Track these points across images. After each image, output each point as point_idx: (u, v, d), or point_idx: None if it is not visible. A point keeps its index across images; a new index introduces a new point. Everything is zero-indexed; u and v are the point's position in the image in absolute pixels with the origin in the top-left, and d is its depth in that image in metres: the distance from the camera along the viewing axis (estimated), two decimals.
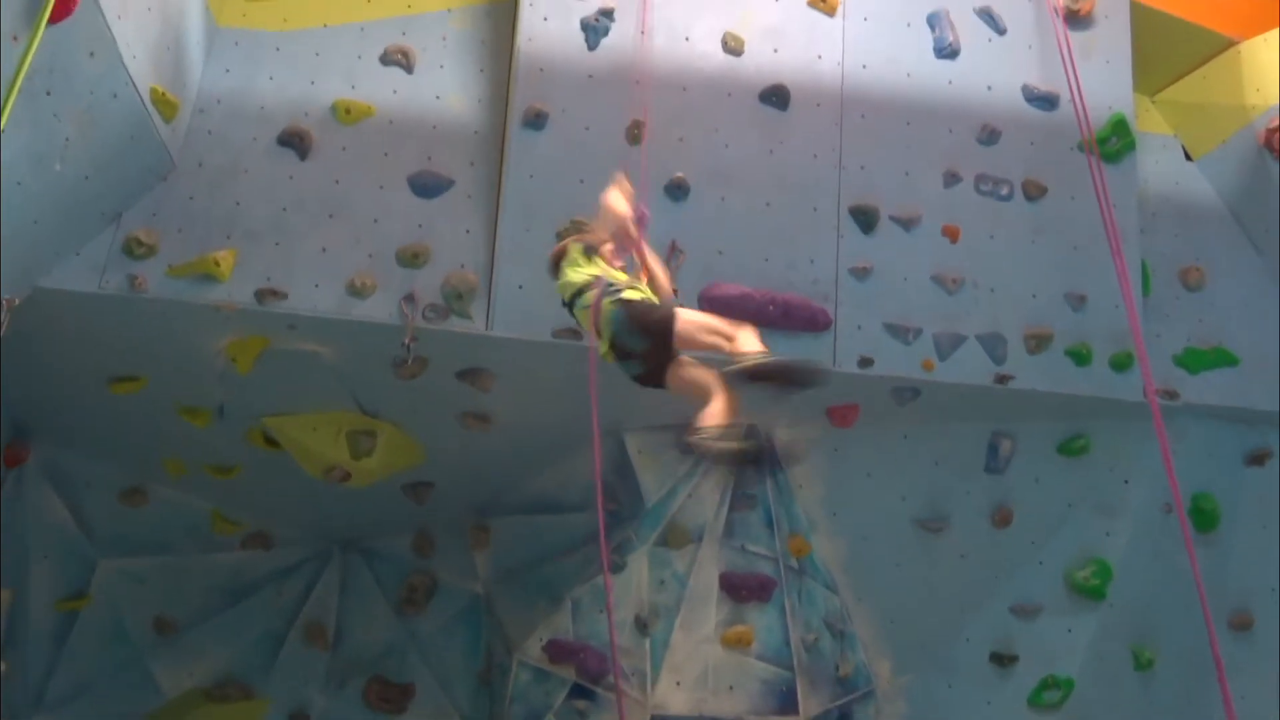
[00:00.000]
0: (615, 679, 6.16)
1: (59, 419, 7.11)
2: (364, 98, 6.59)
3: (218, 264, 6.07)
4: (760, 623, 6.92)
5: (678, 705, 6.74)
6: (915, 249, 6.73)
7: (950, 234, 6.80)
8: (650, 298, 4.31)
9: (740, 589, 6.92)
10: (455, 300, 6.27)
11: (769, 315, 6.37)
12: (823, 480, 7.16)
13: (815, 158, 6.72)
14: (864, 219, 6.70)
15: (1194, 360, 7.13)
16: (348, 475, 7.08)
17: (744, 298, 6.38)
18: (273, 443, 7.02)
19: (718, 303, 6.31)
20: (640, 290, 4.33)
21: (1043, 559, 7.23)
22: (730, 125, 6.65)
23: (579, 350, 6.14)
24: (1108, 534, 7.19)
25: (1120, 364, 6.79)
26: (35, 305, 5.77)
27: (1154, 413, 4.84)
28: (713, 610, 6.88)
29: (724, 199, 6.55)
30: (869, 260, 6.65)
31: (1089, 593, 7.18)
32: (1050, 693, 7.21)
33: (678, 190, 6.49)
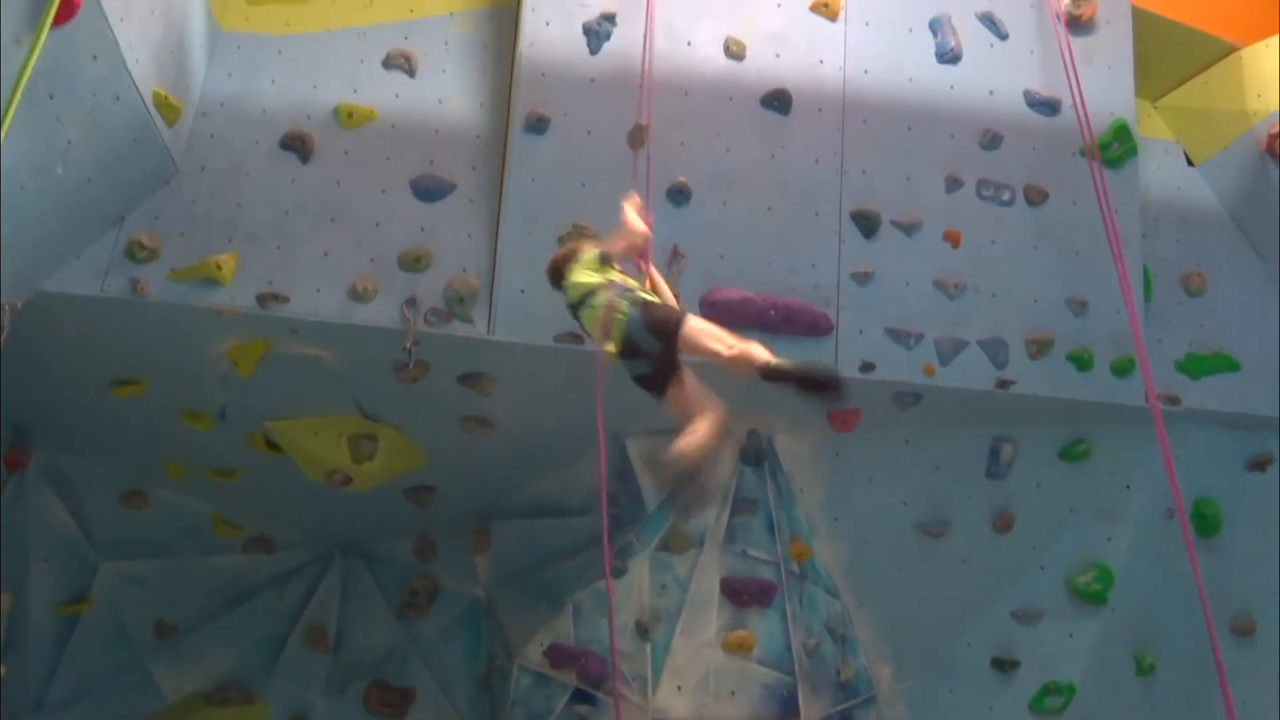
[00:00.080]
0: (615, 684, 6.16)
1: (60, 422, 7.12)
2: (366, 102, 6.60)
3: (219, 267, 6.07)
4: (761, 627, 6.91)
5: (679, 710, 6.73)
6: (917, 254, 6.73)
7: (952, 239, 6.80)
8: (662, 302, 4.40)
9: (741, 594, 6.92)
10: (457, 304, 6.27)
11: (770, 320, 6.38)
12: (824, 485, 7.16)
13: (817, 162, 6.72)
14: (865, 224, 6.70)
15: (1195, 365, 7.13)
16: (349, 479, 7.08)
17: (745, 302, 6.38)
18: (274, 446, 7.02)
19: (719, 307, 6.31)
20: (653, 296, 4.42)
21: (1044, 564, 7.23)
22: (732, 130, 6.66)
23: (580, 354, 6.14)
24: (1109, 539, 7.19)
25: (1122, 369, 6.79)
26: (37, 308, 5.77)
27: (1156, 418, 4.84)
28: (714, 615, 6.87)
29: (725, 203, 6.55)
30: (870, 265, 6.65)
31: (1090, 598, 7.18)
32: (1052, 698, 7.20)
33: (679, 195, 6.49)
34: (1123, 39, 7.25)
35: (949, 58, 7.03)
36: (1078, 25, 7.15)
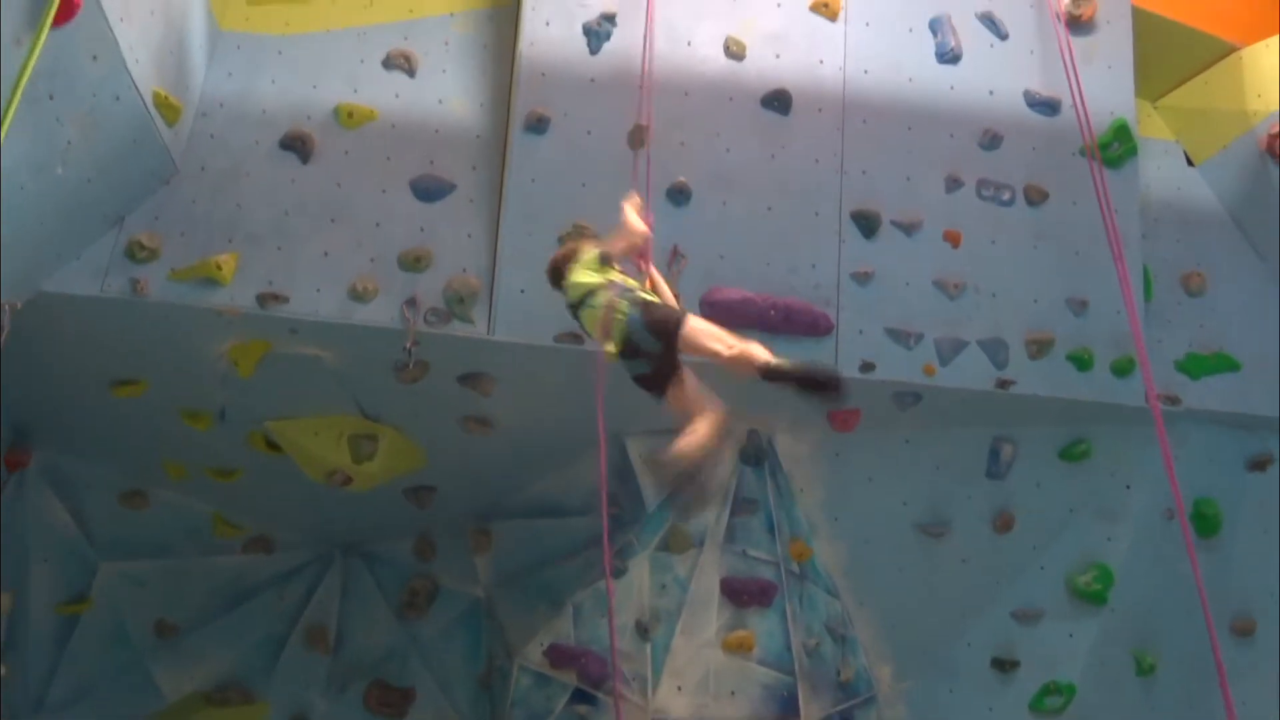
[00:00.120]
0: (615, 684, 6.16)
1: (60, 422, 7.11)
2: (366, 102, 6.60)
3: (219, 268, 6.07)
4: (761, 627, 6.91)
5: (679, 710, 6.73)
6: (917, 254, 6.73)
7: (952, 239, 6.80)
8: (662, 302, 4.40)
9: (741, 594, 6.92)
10: (457, 304, 6.27)
11: (770, 320, 6.38)
12: (824, 485, 7.16)
13: (817, 162, 6.72)
14: (865, 224, 6.70)
15: (1195, 365, 7.13)
16: (349, 479, 7.08)
17: (745, 302, 6.38)
18: (274, 446, 7.02)
19: (719, 307, 6.31)
20: (652, 296, 4.42)
21: (1044, 564, 7.23)
22: (732, 130, 6.66)
23: (580, 354, 6.14)
24: (1109, 539, 7.19)
25: (1122, 369, 6.79)
26: (37, 309, 5.77)
27: (1156, 418, 4.84)
28: (714, 615, 6.87)
29: (725, 204, 6.55)
30: (870, 265, 6.65)
31: (1090, 598, 7.18)
32: (1052, 698, 7.20)
33: (679, 195, 6.49)
34: (1123, 39, 7.24)
35: (949, 58, 7.03)
36: (1078, 25, 7.15)
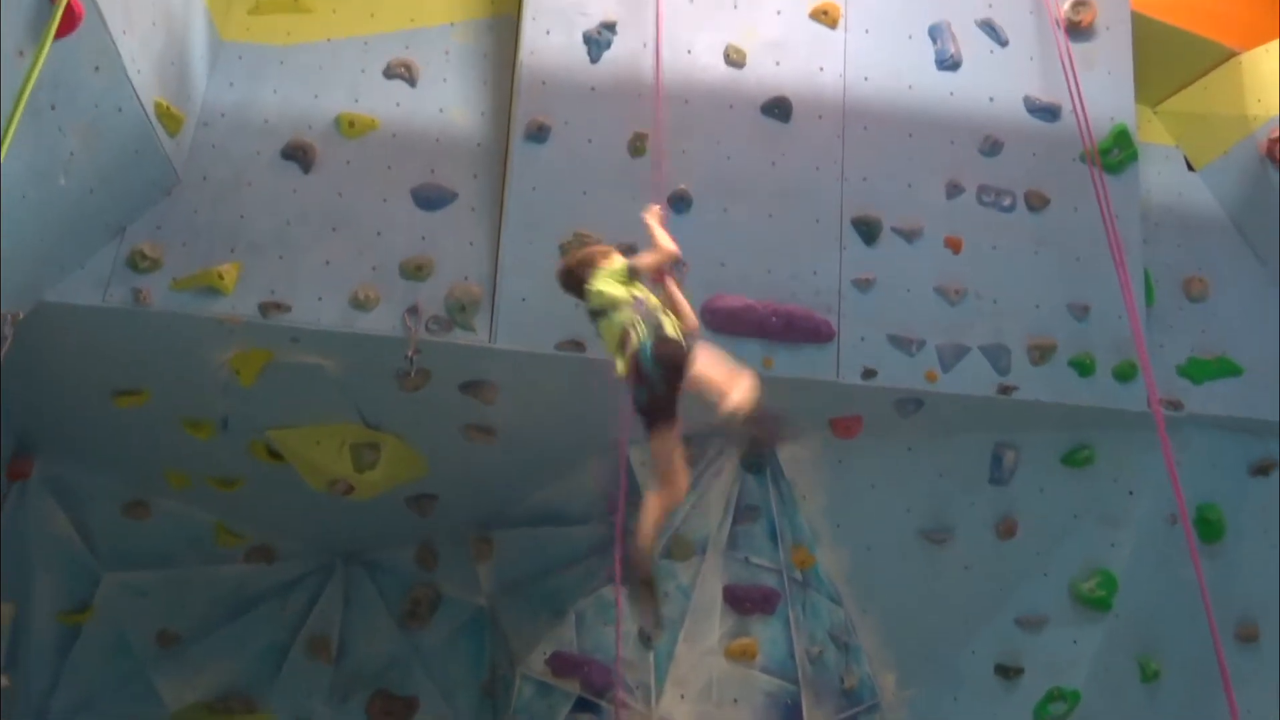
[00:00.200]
0: (617, 692, 6.15)
1: (62, 432, 7.11)
2: (367, 111, 6.61)
3: (221, 277, 6.08)
4: (764, 635, 6.90)
5: (682, 718, 6.71)
6: (918, 260, 6.73)
7: (953, 245, 6.80)
8: (678, 334, 4.41)
9: (744, 601, 6.90)
10: (458, 312, 6.28)
11: (772, 327, 6.38)
12: (826, 492, 7.14)
13: (817, 169, 6.72)
14: (866, 230, 6.71)
15: (1198, 370, 7.13)
16: (351, 488, 7.08)
17: (747, 309, 6.39)
18: (276, 455, 7.02)
19: (720, 314, 6.32)
20: (672, 321, 4.44)
21: (1047, 570, 7.21)
22: (732, 137, 6.66)
23: (582, 363, 6.15)
24: (1112, 545, 7.17)
25: (1124, 374, 6.78)
26: (39, 319, 5.78)
27: (1158, 423, 4.84)
28: (716, 622, 6.85)
29: (726, 211, 6.56)
30: (872, 271, 6.65)
31: (1094, 604, 7.16)
32: (1056, 705, 7.18)
33: (680, 202, 6.50)
34: (1122, 45, 7.25)
35: (949, 64, 7.04)
36: (1077, 31, 7.16)
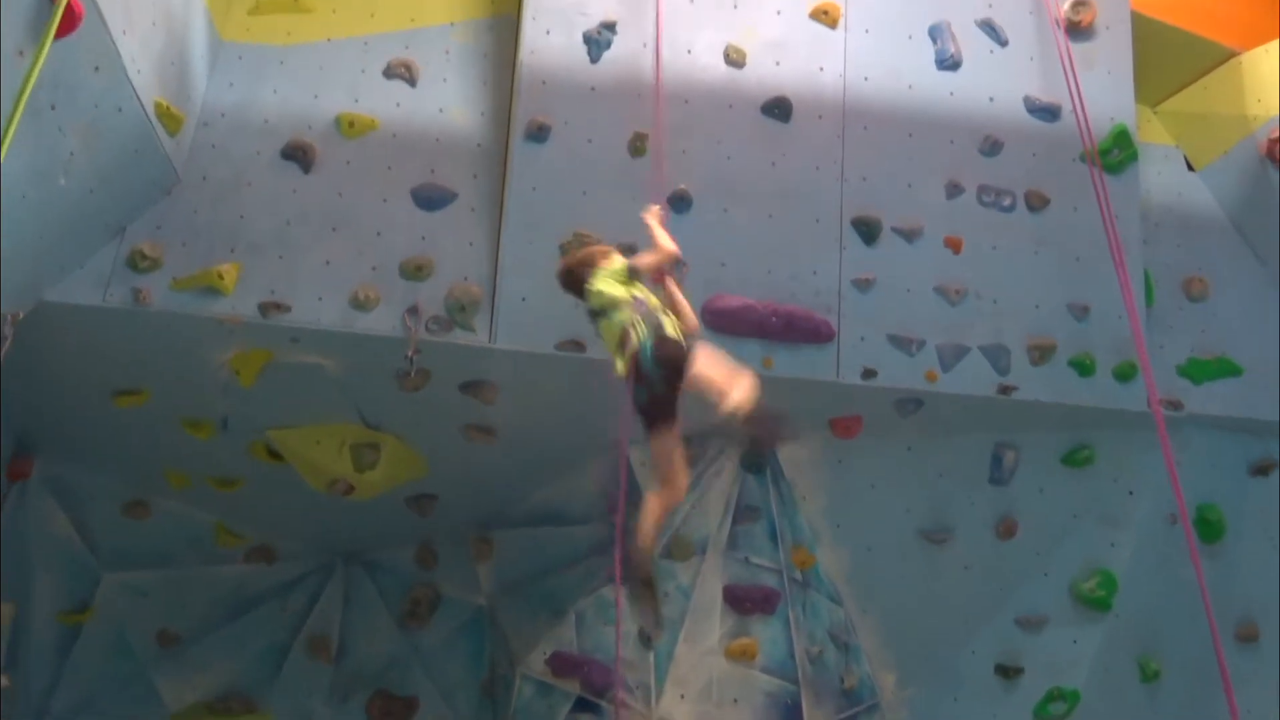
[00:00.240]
0: (617, 691, 6.15)
1: (63, 432, 7.11)
2: (367, 111, 6.61)
3: (221, 277, 6.08)
4: (764, 635, 6.90)
5: (682, 718, 6.70)
6: (918, 260, 6.73)
7: (953, 245, 6.80)
8: (678, 334, 4.41)
9: (744, 601, 6.90)
10: (458, 312, 6.28)
11: (772, 327, 6.38)
12: (826, 492, 7.14)
13: (817, 169, 6.72)
14: (866, 230, 6.71)
15: (1197, 371, 7.13)
16: (351, 488, 7.08)
17: (747, 309, 6.39)
18: (276, 455, 7.02)
19: (720, 315, 6.32)
20: (672, 321, 4.44)
21: (1048, 570, 7.21)
22: (732, 137, 6.66)
23: (582, 362, 6.15)
24: (1113, 545, 7.17)
25: (1124, 374, 6.78)
26: (39, 319, 5.78)
27: (1158, 423, 4.83)
28: (717, 623, 6.85)
29: (726, 211, 6.56)
30: (871, 271, 6.65)
31: (1094, 604, 7.16)
32: (1056, 705, 7.17)
33: (680, 202, 6.50)
34: (1122, 45, 7.25)
35: (949, 64, 7.04)
36: (1077, 31, 7.16)
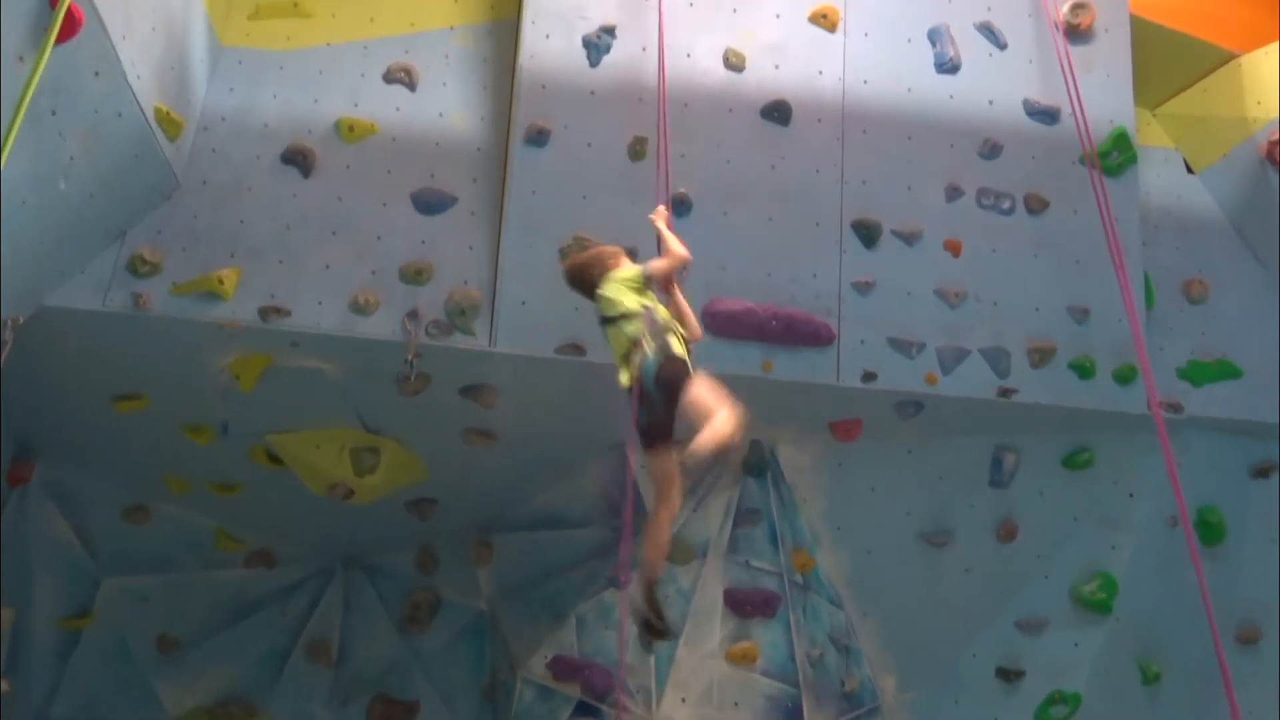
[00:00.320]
0: (619, 695, 6.14)
1: (62, 437, 7.11)
2: (367, 115, 6.62)
3: (221, 282, 6.08)
4: (765, 638, 6.89)
5: None
6: (918, 263, 6.74)
7: (952, 248, 6.80)
8: (685, 353, 4.41)
9: (745, 604, 6.90)
10: (458, 316, 6.28)
11: (772, 330, 6.38)
12: (826, 495, 7.14)
13: (817, 173, 6.73)
14: (866, 233, 6.71)
15: (1198, 373, 7.13)
16: (351, 492, 7.07)
17: (747, 313, 6.39)
18: (276, 460, 7.02)
19: (721, 318, 6.32)
20: (679, 336, 4.43)
21: (1048, 573, 7.21)
22: (732, 141, 6.67)
23: (582, 366, 6.15)
24: (1113, 547, 7.17)
25: (1124, 377, 6.78)
26: (39, 323, 5.78)
27: (1158, 426, 4.82)
28: (717, 626, 6.85)
29: (726, 214, 6.56)
30: (871, 275, 6.65)
31: (1095, 607, 7.16)
32: (1057, 708, 7.17)
33: (680, 206, 6.49)
34: (1121, 47, 7.26)
35: (948, 68, 7.05)
36: (1076, 34, 7.17)
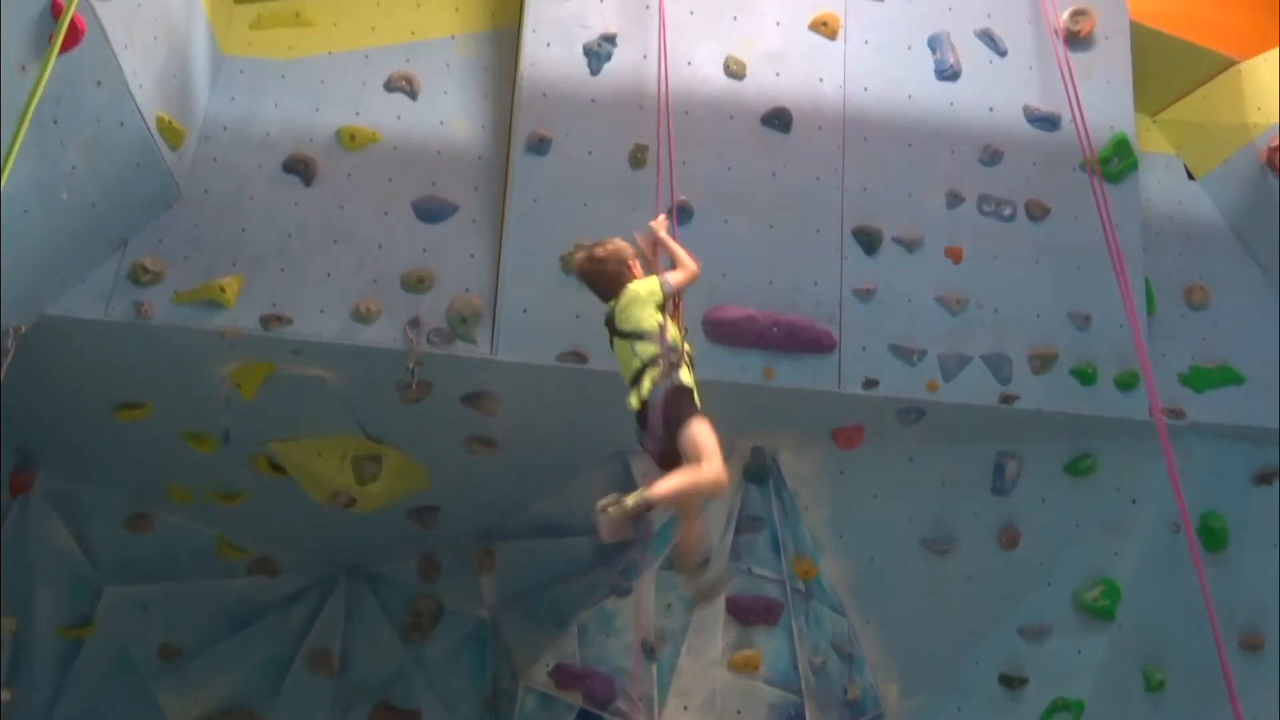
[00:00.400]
0: (634, 695, 6.13)
1: (64, 446, 7.12)
2: (368, 124, 6.62)
3: (223, 290, 6.08)
4: (768, 646, 6.87)
5: None
6: (919, 270, 6.74)
7: (953, 255, 6.81)
8: (692, 382, 4.44)
9: (747, 612, 6.88)
10: (460, 324, 6.28)
11: (773, 337, 6.38)
12: (829, 502, 7.14)
13: (818, 180, 6.73)
14: (867, 240, 6.71)
15: (1199, 379, 7.12)
16: (353, 500, 7.07)
17: (748, 320, 6.39)
18: (278, 468, 7.02)
19: (722, 325, 6.33)
20: (688, 361, 4.48)
21: (1051, 580, 7.19)
22: (733, 148, 6.68)
23: (584, 374, 6.15)
24: (1116, 554, 7.15)
25: (1126, 383, 6.78)
26: (41, 332, 5.79)
27: (1160, 432, 4.82)
28: (720, 634, 6.84)
29: (727, 222, 6.56)
30: (872, 282, 6.65)
31: (1098, 613, 7.14)
32: (1061, 715, 7.14)
33: (681, 213, 6.47)
34: (1121, 54, 7.27)
35: (948, 75, 7.06)
36: (1076, 41, 7.18)
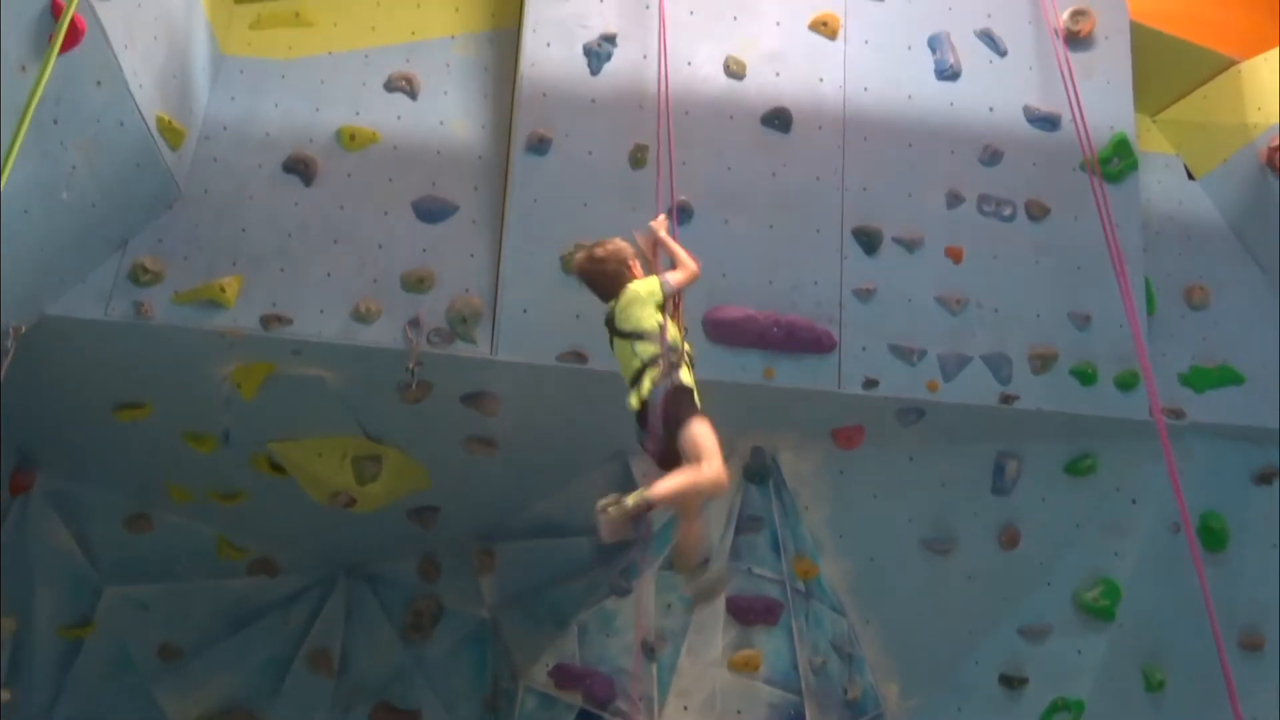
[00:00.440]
0: (634, 698, 6.13)
1: (64, 446, 7.12)
2: (368, 124, 6.63)
3: (223, 290, 6.09)
4: (768, 646, 6.87)
5: None
6: (919, 270, 6.74)
7: (953, 255, 6.81)
8: (692, 382, 4.43)
9: (747, 612, 6.89)
10: (460, 324, 6.28)
11: (773, 337, 6.38)
12: (829, 502, 7.14)
13: (818, 180, 6.73)
14: (867, 240, 6.71)
15: (1199, 379, 7.12)
16: (353, 500, 7.08)
17: (748, 320, 6.39)
18: (278, 468, 7.02)
19: (722, 326, 6.33)
20: (688, 361, 4.47)
21: (1051, 580, 7.19)
22: (733, 148, 6.68)
23: (583, 374, 6.15)
24: (1116, 554, 7.15)
25: (1126, 383, 6.78)
26: (41, 332, 5.79)
27: (1160, 432, 4.82)
28: (720, 634, 6.84)
29: (727, 221, 6.57)
30: (872, 282, 6.65)
31: (1098, 613, 7.14)
32: (1061, 715, 7.14)
33: (681, 213, 6.48)
34: (1121, 54, 7.27)
35: (948, 75, 7.06)
36: (1076, 41, 7.18)
